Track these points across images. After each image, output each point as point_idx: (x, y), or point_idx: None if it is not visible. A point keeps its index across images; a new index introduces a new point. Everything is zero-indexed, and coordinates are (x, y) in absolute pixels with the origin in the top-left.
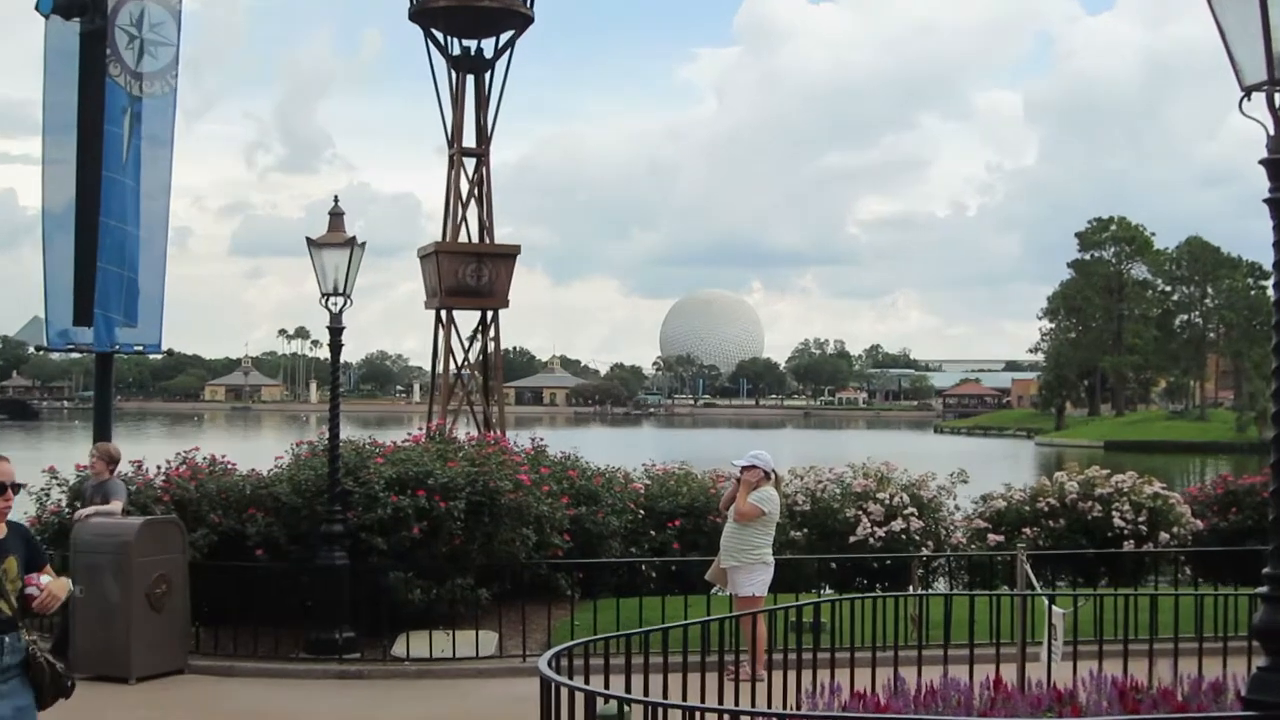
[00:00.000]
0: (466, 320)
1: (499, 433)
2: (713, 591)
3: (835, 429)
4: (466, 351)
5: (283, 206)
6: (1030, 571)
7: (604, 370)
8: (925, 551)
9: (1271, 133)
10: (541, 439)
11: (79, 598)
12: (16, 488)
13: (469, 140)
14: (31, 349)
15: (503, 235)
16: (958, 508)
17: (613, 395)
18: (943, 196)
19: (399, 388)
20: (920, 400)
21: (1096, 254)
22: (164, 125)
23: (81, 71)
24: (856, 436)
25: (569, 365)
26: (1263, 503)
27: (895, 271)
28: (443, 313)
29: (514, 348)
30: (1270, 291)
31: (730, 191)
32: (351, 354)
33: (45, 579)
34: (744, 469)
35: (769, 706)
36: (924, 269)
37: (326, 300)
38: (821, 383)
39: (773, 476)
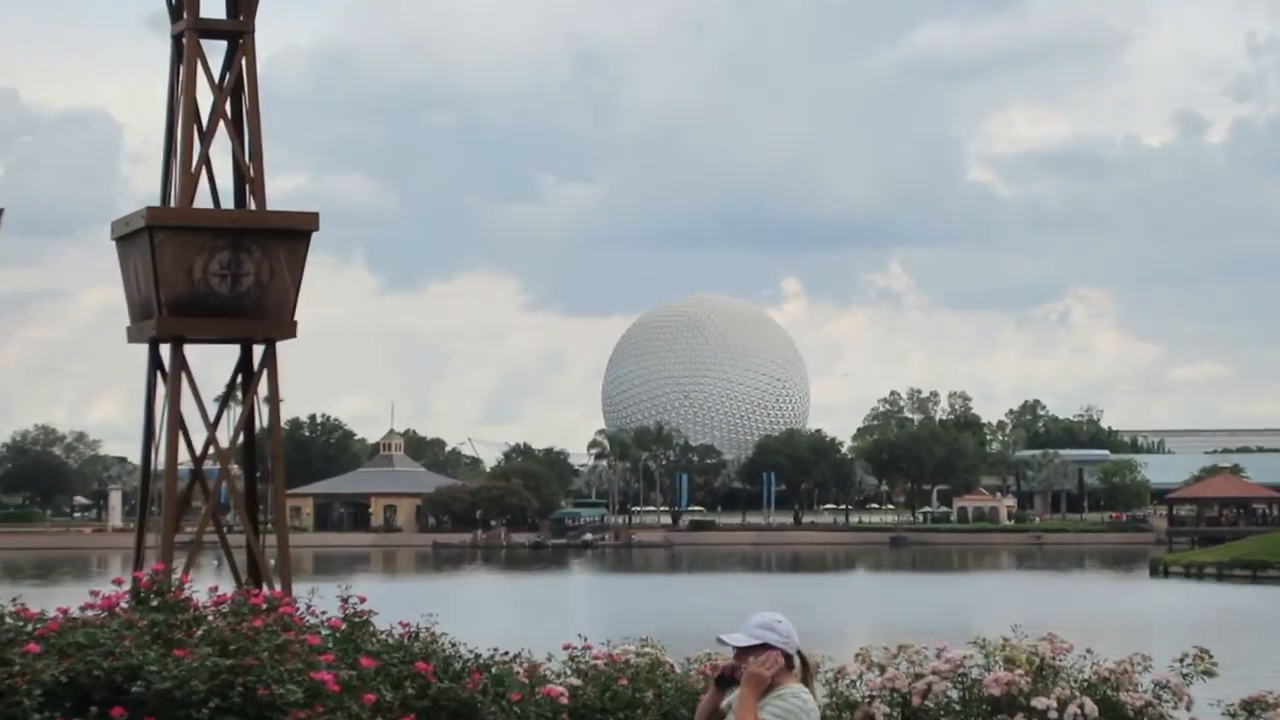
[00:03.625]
0: (214, 363)
1: (277, 588)
2: None
3: (952, 570)
4: (214, 426)
5: None
6: None
7: (492, 460)
8: None
9: None
10: (362, 599)
11: None
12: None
13: (213, 8)
14: None
15: (284, 193)
16: None
17: (510, 509)
18: (1156, 109)
19: (79, 500)
20: (1123, 511)
21: None
22: None
23: None
24: (996, 583)
25: (422, 450)
26: None
27: (1065, 257)
28: (164, 349)
29: (314, 417)
30: None
31: (736, 105)
32: None
33: None
34: (741, 654)
35: None
36: (1122, 252)
37: None
38: (924, 480)
39: (796, 663)
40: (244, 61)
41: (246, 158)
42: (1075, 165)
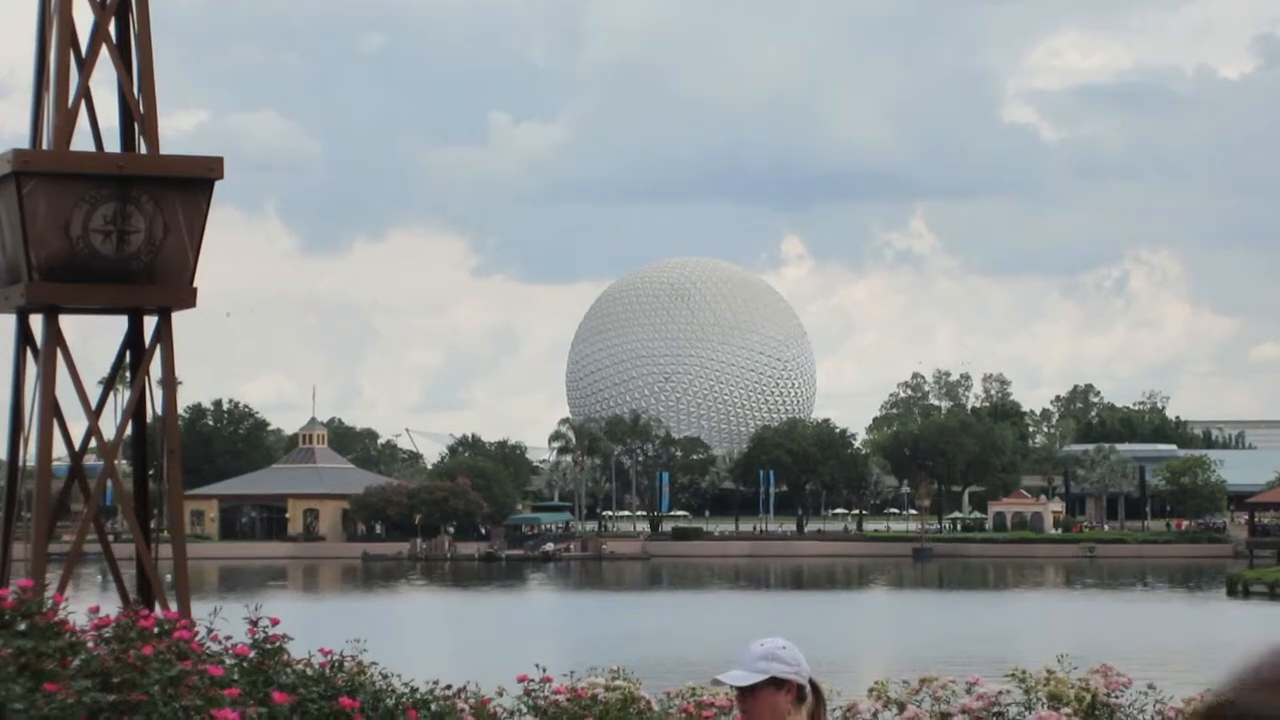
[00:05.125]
0: (96, 337)
1: (172, 608)
2: None
3: (987, 588)
4: (96, 414)
5: None
6: None
7: (434, 456)
8: None
9: None
10: (275, 622)
11: None
12: None
13: None
14: None
15: (182, 133)
16: None
17: (455, 514)
18: (1234, 34)
19: None
20: (1196, 519)
21: None
22: None
23: None
24: (1039, 604)
25: (349, 444)
26: None
27: (1124, 212)
28: (35, 321)
29: (219, 403)
30: None
31: (727, 29)
32: None
33: None
34: (743, 695)
35: None
36: (1193, 206)
37: None
38: (954, 480)
39: (808, 696)
40: None
41: (135, 91)
42: (1136, 102)
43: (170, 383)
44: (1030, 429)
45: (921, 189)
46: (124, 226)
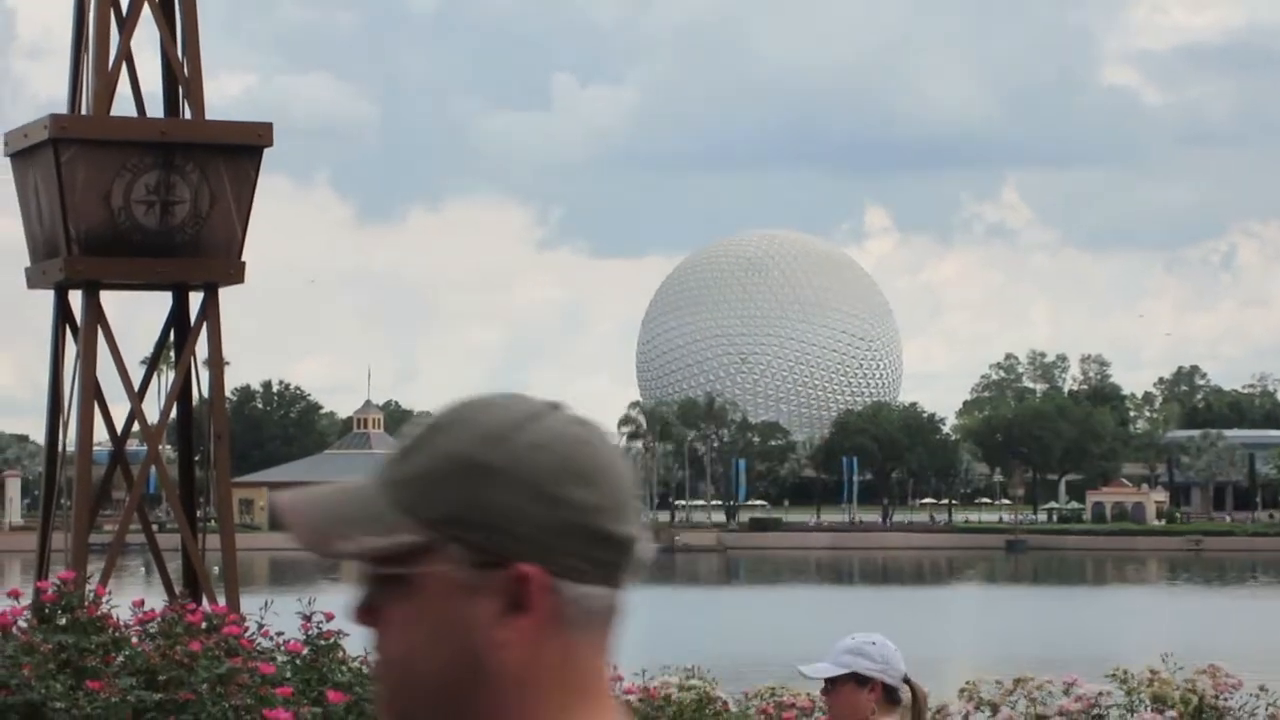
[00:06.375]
0: (139, 315)
1: (220, 601)
2: None
3: (1085, 582)
4: (139, 396)
5: None
6: None
7: None
8: None
9: None
10: (330, 617)
11: None
12: None
13: None
14: None
15: (229, 98)
16: None
17: None
18: None
19: None
20: None
21: None
22: None
23: None
24: (1141, 600)
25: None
26: None
27: (1232, 182)
28: (75, 297)
29: (268, 385)
30: None
31: None
32: None
33: None
34: (829, 688)
35: None
36: None
37: None
38: (1049, 468)
39: (904, 697)
40: None
41: (179, 52)
42: (1248, 63)
43: (217, 363)
44: (1131, 413)
45: (1014, 157)
46: (168, 197)
